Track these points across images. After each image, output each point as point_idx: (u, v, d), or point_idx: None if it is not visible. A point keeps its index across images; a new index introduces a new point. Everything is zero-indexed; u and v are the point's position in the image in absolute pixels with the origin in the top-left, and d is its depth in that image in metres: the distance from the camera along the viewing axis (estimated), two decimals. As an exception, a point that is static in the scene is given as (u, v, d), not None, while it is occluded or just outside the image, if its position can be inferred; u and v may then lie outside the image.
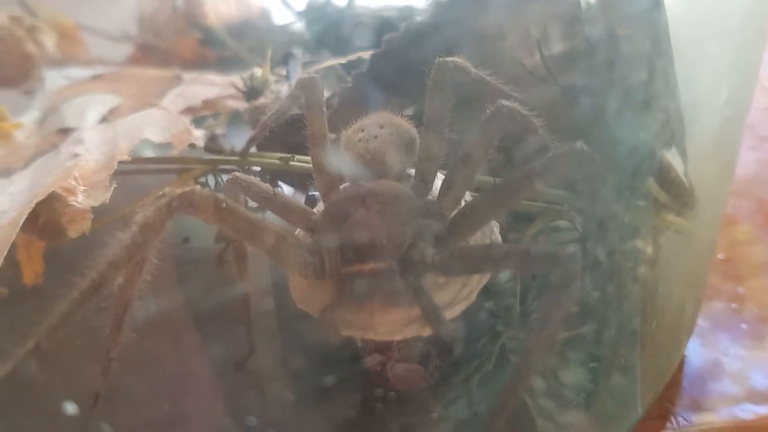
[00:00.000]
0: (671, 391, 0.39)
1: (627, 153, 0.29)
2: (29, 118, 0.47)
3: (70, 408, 0.28)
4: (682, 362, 0.40)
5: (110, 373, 0.30)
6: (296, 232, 0.31)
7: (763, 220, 0.51)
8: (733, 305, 0.44)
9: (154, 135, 0.39)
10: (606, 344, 0.33)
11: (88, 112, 0.45)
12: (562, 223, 0.34)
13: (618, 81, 0.29)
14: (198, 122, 0.42)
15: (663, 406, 0.38)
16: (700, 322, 0.42)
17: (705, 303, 0.43)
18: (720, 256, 0.48)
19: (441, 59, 0.30)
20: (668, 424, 0.37)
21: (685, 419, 0.38)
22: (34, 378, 0.27)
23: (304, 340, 0.33)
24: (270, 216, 0.31)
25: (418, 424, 0.33)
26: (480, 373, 0.33)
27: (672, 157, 0.31)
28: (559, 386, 0.33)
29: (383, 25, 0.52)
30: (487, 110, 0.29)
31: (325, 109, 0.31)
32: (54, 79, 0.51)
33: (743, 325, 0.43)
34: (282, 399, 0.35)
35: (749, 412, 0.38)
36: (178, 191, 0.27)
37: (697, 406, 0.38)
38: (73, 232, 0.34)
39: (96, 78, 0.51)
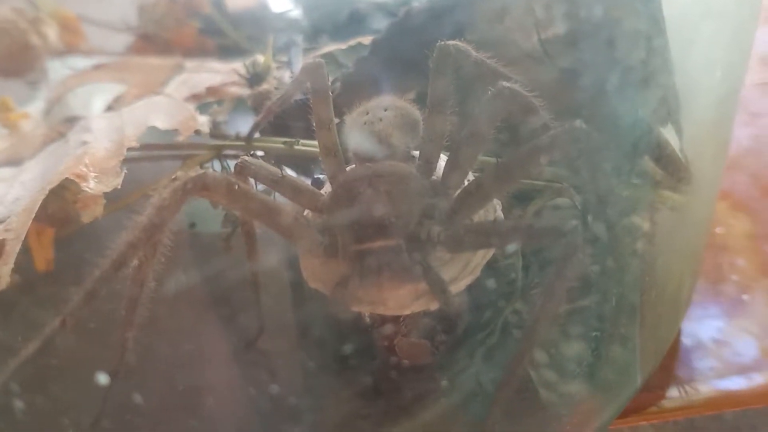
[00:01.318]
0: (670, 362, 0.40)
1: (625, 130, 0.30)
2: (35, 108, 0.48)
3: (103, 379, 0.29)
4: (679, 333, 0.41)
5: (126, 350, 0.31)
6: (305, 213, 0.32)
7: (758, 194, 0.52)
8: (734, 277, 0.46)
9: (161, 122, 0.40)
10: (606, 317, 0.34)
11: (93, 100, 0.46)
12: (562, 201, 0.35)
13: (616, 60, 0.30)
14: (202, 109, 0.43)
15: (662, 377, 0.39)
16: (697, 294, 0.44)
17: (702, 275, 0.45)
18: (718, 229, 0.49)
19: (442, 43, 0.31)
20: (667, 394, 0.38)
21: (683, 388, 0.39)
22: (68, 352, 0.28)
23: (315, 318, 0.34)
24: (278, 198, 0.32)
25: (424, 395, 0.34)
26: (484, 346, 0.34)
27: (668, 133, 0.32)
28: (561, 358, 0.34)
29: (380, 10, 0.53)
30: (489, 92, 0.29)
31: (330, 93, 0.32)
32: (57, 69, 0.52)
33: (744, 296, 0.44)
34: (292, 374, 0.36)
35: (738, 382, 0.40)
36: (192, 174, 0.28)
37: (695, 376, 0.40)
38: (86, 217, 0.35)
39: (99, 67, 0.52)
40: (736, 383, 0.39)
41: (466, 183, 0.31)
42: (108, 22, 0.56)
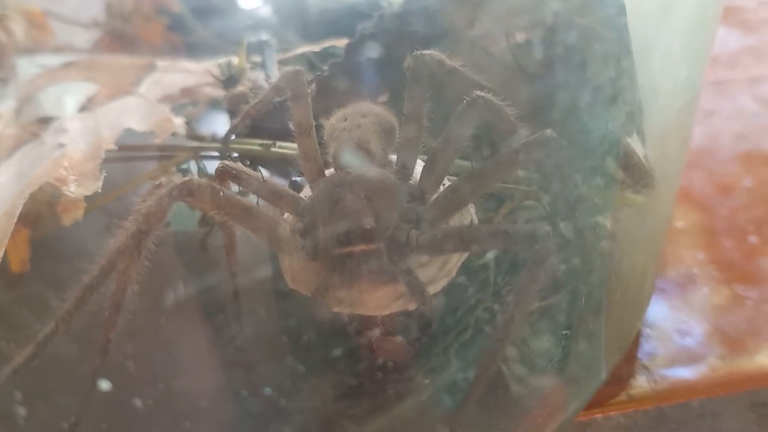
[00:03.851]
0: (635, 353, 0.42)
1: (596, 141, 0.31)
2: (5, 107, 0.47)
3: (104, 385, 0.30)
4: (641, 326, 0.43)
5: (108, 353, 0.31)
6: (284, 217, 0.33)
7: (713, 191, 0.54)
8: (694, 270, 0.48)
9: (136, 124, 0.41)
10: (573, 314, 0.36)
11: (65, 100, 0.46)
12: (530, 203, 0.37)
13: (587, 79, 0.32)
14: (177, 110, 0.43)
15: (628, 368, 0.41)
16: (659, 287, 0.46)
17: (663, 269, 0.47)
18: (678, 224, 0.51)
19: (418, 52, 0.32)
20: (634, 384, 0.40)
21: (651, 378, 0.41)
22: (67, 358, 0.29)
23: (295, 318, 0.35)
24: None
25: (401, 391, 0.35)
26: (457, 342, 0.35)
27: (633, 142, 0.33)
28: (530, 354, 0.36)
29: (350, 10, 0.53)
30: (463, 101, 0.31)
31: (309, 100, 0.33)
32: (25, 67, 0.51)
33: (705, 289, 0.46)
34: (270, 372, 0.37)
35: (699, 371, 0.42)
36: (177, 181, 0.29)
37: (659, 366, 0.42)
38: (67, 221, 0.35)
39: (68, 66, 0.52)
40: (696, 371, 0.41)
41: (442, 188, 0.32)
42: (74, 19, 0.56)
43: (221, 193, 0.29)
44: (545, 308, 0.35)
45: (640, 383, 0.41)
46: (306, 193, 0.33)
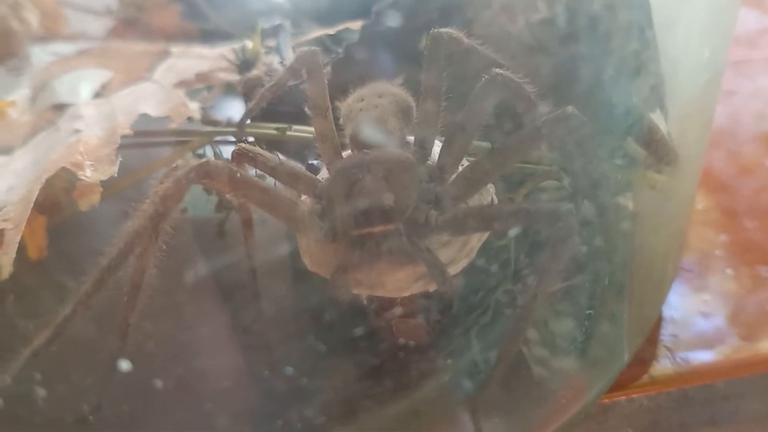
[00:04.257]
0: (658, 335, 0.41)
1: (618, 116, 0.31)
2: (19, 95, 0.47)
3: (124, 365, 0.30)
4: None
5: (128, 336, 0.31)
6: (302, 199, 0.33)
7: (735, 172, 0.54)
8: (717, 252, 0.47)
9: (151, 109, 0.40)
10: (595, 295, 0.35)
11: (80, 87, 0.46)
12: (550, 183, 0.36)
13: (611, 51, 0.31)
14: (192, 95, 0.43)
15: (651, 350, 0.40)
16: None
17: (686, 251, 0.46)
18: (699, 206, 0.50)
19: (435, 30, 0.32)
20: (657, 366, 0.40)
21: (673, 361, 0.40)
22: (87, 340, 0.29)
23: (314, 300, 0.35)
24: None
25: (421, 373, 0.35)
26: (478, 325, 0.35)
27: (656, 118, 0.33)
28: (552, 336, 0.35)
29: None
30: (482, 78, 0.30)
31: (325, 81, 0.33)
32: (40, 55, 0.51)
33: (727, 270, 0.46)
34: (290, 355, 0.37)
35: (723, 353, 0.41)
36: (194, 163, 0.28)
37: (683, 348, 0.41)
38: (83, 206, 0.35)
39: (82, 53, 0.52)
40: (720, 354, 0.41)
41: (460, 168, 0.31)
42: (88, 7, 0.55)
43: (238, 175, 0.29)
44: (567, 289, 0.34)
45: (663, 365, 0.40)
46: (323, 175, 0.33)
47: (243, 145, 0.32)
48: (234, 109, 0.43)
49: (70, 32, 0.54)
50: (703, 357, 0.41)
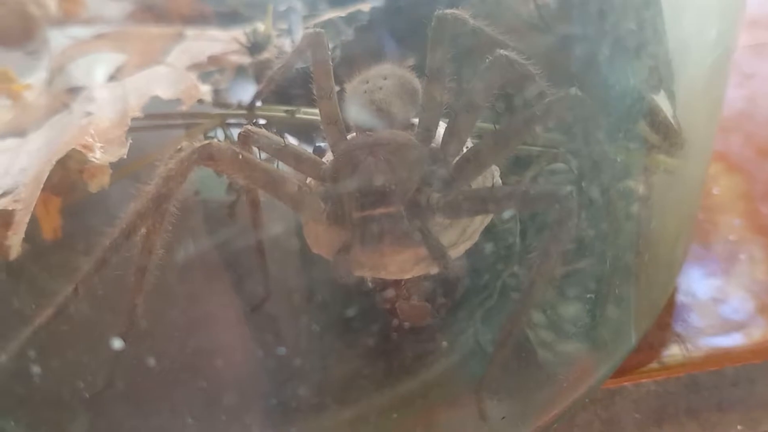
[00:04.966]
0: (668, 320, 0.41)
1: (618, 97, 0.30)
2: (36, 78, 0.48)
3: (117, 344, 0.30)
4: (675, 292, 0.43)
5: (135, 317, 0.32)
6: (307, 181, 0.33)
7: (752, 155, 0.53)
8: (731, 237, 0.47)
9: (163, 91, 0.41)
10: (602, 278, 0.35)
11: (95, 70, 0.46)
12: (559, 166, 0.36)
13: (609, 29, 0.31)
14: (204, 77, 0.43)
15: (661, 335, 0.40)
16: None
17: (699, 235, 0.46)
18: (714, 190, 0.50)
19: (440, 11, 0.32)
20: (667, 351, 0.40)
21: (684, 345, 0.40)
22: (82, 318, 0.29)
23: (319, 282, 0.35)
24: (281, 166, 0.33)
25: (425, 356, 0.35)
26: (483, 308, 0.35)
27: (661, 101, 0.32)
28: (558, 319, 0.35)
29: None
30: (486, 59, 0.30)
31: (330, 63, 0.33)
32: (57, 39, 0.52)
33: (741, 255, 0.45)
34: (297, 336, 0.37)
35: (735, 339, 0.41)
36: (197, 144, 0.29)
37: (694, 333, 0.41)
38: (93, 187, 0.36)
39: (99, 37, 0.52)
40: (733, 340, 0.41)
41: (464, 150, 0.31)
42: (106, -10, 0.56)
43: (241, 156, 0.29)
44: (572, 273, 0.34)
45: (673, 351, 0.40)
46: (329, 158, 0.33)
47: (249, 127, 0.33)
48: (245, 92, 0.43)
49: (88, 16, 0.54)
50: (715, 343, 0.41)
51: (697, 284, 0.44)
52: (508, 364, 0.32)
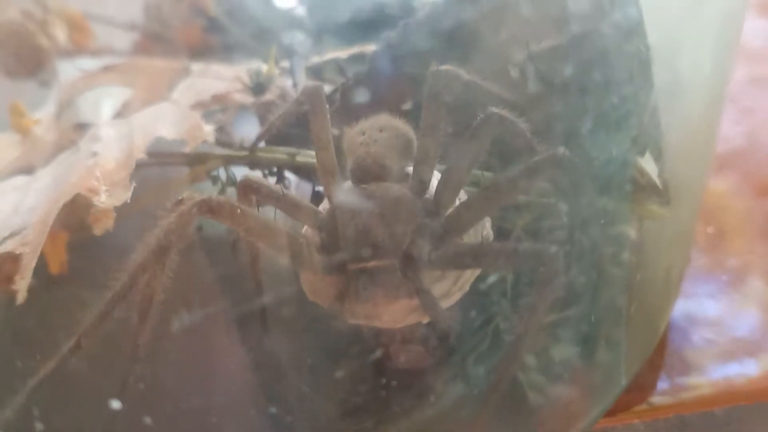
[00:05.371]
0: (658, 360, 0.42)
1: (601, 167, 0.31)
2: (45, 112, 0.49)
3: (116, 404, 0.31)
4: (666, 332, 0.43)
5: (138, 359, 0.33)
6: (304, 230, 0.34)
7: (751, 193, 0.53)
8: (723, 278, 0.47)
9: (168, 131, 0.42)
10: (592, 323, 0.36)
11: (102, 105, 0.47)
12: (549, 213, 0.37)
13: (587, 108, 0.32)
14: (207, 117, 0.44)
15: (651, 375, 0.41)
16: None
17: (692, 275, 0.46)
18: (709, 230, 0.50)
19: (435, 68, 0.33)
20: (656, 392, 0.40)
21: (673, 386, 0.41)
22: (82, 374, 0.30)
23: (316, 326, 0.36)
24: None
25: (419, 398, 0.36)
26: (475, 353, 0.36)
27: (646, 162, 0.33)
28: (549, 362, 0.36)
29: (383, 11, 0.54)
30: (479, 117, 0.31)
31: (328, 116, 0.34)
32: (67, 70, 0.53)
33: (735, 297, 0.46)
34: (293, 375, 0.38)
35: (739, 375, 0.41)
36: (198, 198, 0.30)
37: (684, 374, 0.41)
38: (98, 231, 0.37)
39: (107, 69, 0.53)
40: (724, 380, 0.41)
41: (458, 201, 0.32)
42: (113, 20, 0.57)
43: (239, 210, 0.30)
44: (563, 318, 0.35)
45: (662, 390, 0.40)
46: (326, 205, 0.34)
47: (248, 176, 0.34)
48: (249, 131, 0.44)
49: (96, 46, 0.55)
50: (706, 382, 0.41)
51: (688, 324, 0.44)
52: (500, 407, 0.33)
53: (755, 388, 0.41)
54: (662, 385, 0.41)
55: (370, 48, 0.45)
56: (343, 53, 0.47)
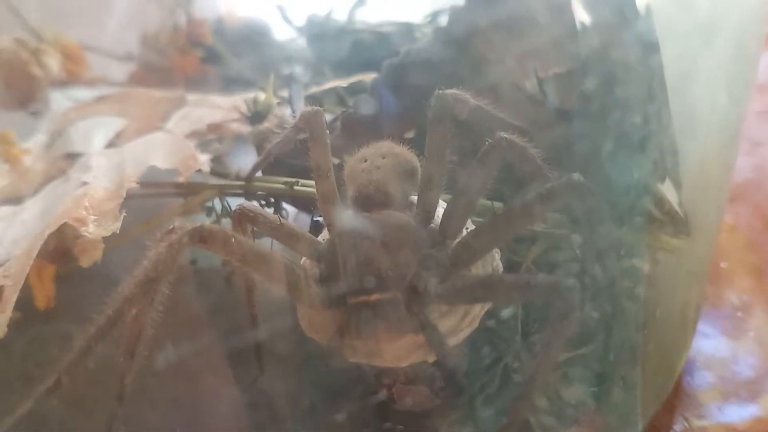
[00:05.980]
0: (675, 402, 0.40)
1: (622, 191, 0.30)
2: (36, 141, 0.48)
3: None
4: (681, 374, 0.41)
5: (125, 397, 0.31)
6: (302, 261, 0.32)
7: (760, 226, 0.52)
8: (738, 314, 0.45)
9: (161, 161, 0.40)
10: (607, 363, 0.34)
11: (94, 135, 0.46)
12: (561, 244, 0.35)
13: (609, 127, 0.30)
14: (203, 146, 0.43)
15: (667, 418, 0.39)
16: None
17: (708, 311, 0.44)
18: (723, 264, 0.49)
19: (440, 92, 0.31)
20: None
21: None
22: (61, 417, 0.28)
23: (314, 364, 0.34)
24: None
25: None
26: (484, 393, 0.34)
27: (666, 189, 0.32)
28: (561, 404, 0.34)
29: (382, 42, 0.53)
30: (486, 142, 0.29)
31: (328, 141, 0.32)
32: (59, 100, 0.51)
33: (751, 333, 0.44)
34: (291, 418, 0.36)
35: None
36: (188, 228, 0.28)
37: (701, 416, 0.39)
38: (85, 262, 0.35)
39: (100, 99, 0.52)
40: (742, 421, 0.39)
41: (465, 231, 0.31)
42: (110, 51, 0.56)
43: (233, 240, 0.28)
44: (577, 358, 0.33)
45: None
46: (325, 235, 0.32)
47: (243, 205, 0.32)
48: (245, 161, 0.43)
49: (91, 76, 0.54)
50: (724, 424, 0.39)
51: (704, 362, 0.42)
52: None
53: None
54: (677, 428, 0.39)
55: (370, 77, 0.44)
56: (342, 82, 0.45)
